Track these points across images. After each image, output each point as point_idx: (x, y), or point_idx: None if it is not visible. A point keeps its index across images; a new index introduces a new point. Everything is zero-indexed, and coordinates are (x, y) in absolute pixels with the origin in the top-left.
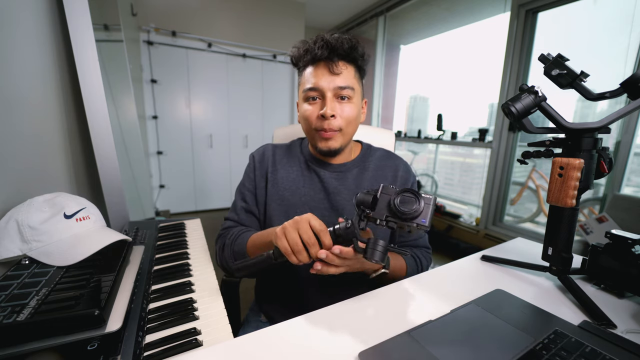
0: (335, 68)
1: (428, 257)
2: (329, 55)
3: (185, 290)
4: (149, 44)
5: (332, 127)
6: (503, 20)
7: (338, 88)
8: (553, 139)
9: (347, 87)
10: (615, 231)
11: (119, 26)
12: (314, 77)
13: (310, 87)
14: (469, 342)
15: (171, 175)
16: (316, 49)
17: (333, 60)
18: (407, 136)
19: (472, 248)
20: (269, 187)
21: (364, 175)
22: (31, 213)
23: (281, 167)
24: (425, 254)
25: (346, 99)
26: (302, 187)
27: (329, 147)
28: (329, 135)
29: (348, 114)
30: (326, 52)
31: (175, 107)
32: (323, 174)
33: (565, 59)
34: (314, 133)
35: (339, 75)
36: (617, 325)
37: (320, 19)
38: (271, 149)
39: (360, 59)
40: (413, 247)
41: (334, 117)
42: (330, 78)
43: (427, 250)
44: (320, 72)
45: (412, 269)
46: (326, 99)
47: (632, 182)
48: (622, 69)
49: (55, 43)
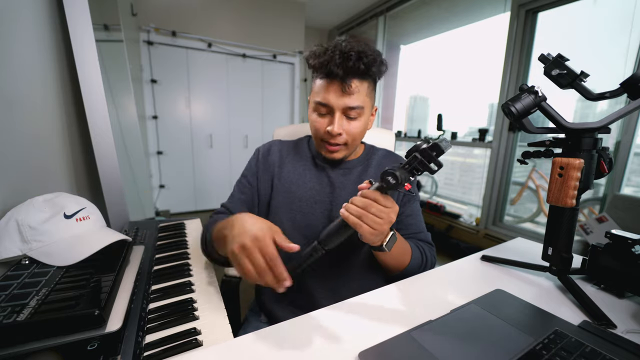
0: (348, 89)
1: (432, 253)
2: (343, 76)
3: (185, 290)
4: (149, 44)
5: (338, 142)
6: (503, 20)
7: (348, 108)
8: (553, 139)
9: (357, 107)
10: (615, 231)
11: (119, 26)
12: (326, 93)
13: (321, 102)
14: (469, 342)
15: (171, 175)
16: (332, 66)
17: (346, 82)
18: (407, 136)
19: (472, 248)
20: (275, 181)
21: (367, 172)
22: (31, 213)
23: (288, 162)
24: (429, 249)
25: (354, 117)
26: (309, 182)
27: (332, 158)
28: (334, 149)
29: (354, 130)
30: (341, 71)
31: (175, 107)
32: (329, 169)
33: (565, 59)
34: (320, 142)
35: (351, 96)
36: (617, 325)
37: (320, 19)
38: (278, 145)
39: (377, 74)
40: (417, 241)
41: (341, 134)
42: (341, 97)
43: (430, 245)
44: (332, 89)
45: (416, 258)
46: (334, 117)
47: (632, 182)
48: (622, 69)
49: (55, 43)
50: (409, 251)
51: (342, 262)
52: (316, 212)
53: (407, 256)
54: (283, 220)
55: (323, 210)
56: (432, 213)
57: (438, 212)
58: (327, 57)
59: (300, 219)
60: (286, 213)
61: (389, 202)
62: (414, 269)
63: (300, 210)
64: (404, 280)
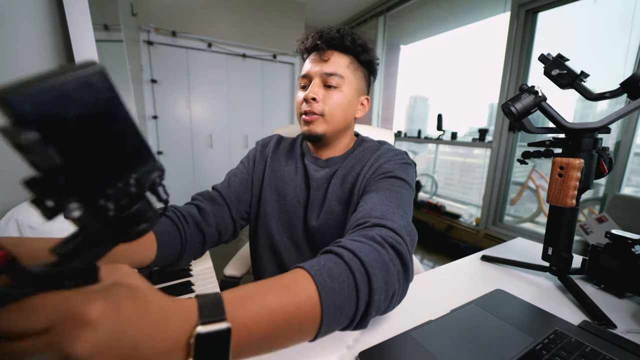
0: (323, 55)
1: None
2: (321, 46)
3: (185, 290)
4: (149, 44)
5: (314, 110)
6: (503, 20)
7: (325, 74)
8: (553, 139)
9: (334, 74)
10: (615, 231)
11: (119, 26)
12: (306, 65)
13: (302, 75)
14: (469, 342)
15: (171, 175)
16: (312, 40)
17: (322, 48)
18: (407, 136)
19: (472, 248)
20: (267, 171)
21: (337, 172)
22: (31, 213)
23: (281, 156)
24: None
25: (333, 87)
26: (294, 180)
27: (309, 131)
28: (311, 118)
29: (332, 101)
30: (319, 42)
31: (175, 107)
32: (310, 167)
33: (565, 59)
34: (300, 119)
35: (327, 62)
36: (617, 325)
37: (320, 19)
38: (277, 139)
39: (358, 50)
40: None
41: (316, 100)
42: (318, 64)
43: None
44: (311, 59)
45: (348, 295)
46: (312, 85)
47: (632, 182)
48: (622, 69)
49: (55, 43)
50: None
51: None
52: (298, 212)
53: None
54: (270, 218)
55: (302, 211)
56: (432, 213)
57: (438, 212)
58: (310, 37)
59: (284, 218)
60: (273, 210)
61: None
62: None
63: (285, 210)
64: None
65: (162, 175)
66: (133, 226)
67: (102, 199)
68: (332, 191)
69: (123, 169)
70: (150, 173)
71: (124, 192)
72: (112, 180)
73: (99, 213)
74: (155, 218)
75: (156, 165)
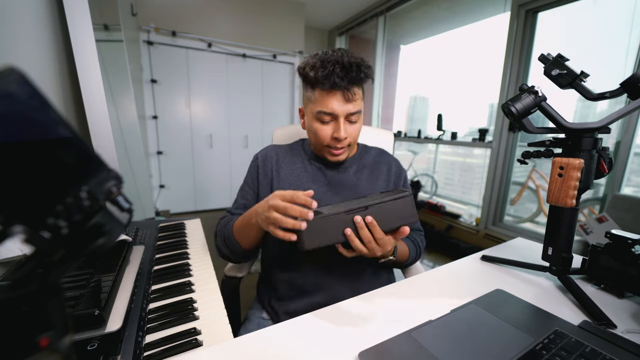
0: (352, 97)
1: (421, 238)
2: (347, 86)
3: (185, 290)
4: (149, 44)
5: (343, 145)
6: (503, 20)
7: (350, 114)
8: (553, 139)
9: (358, 112)
10: (615, 231)
11: (119, 26)
12: (331, 103)
13: (325, 112)
14: (469, 342)
15: (171, 175)
16: (335, 78)
17: (349, 90)
18: (407, 136)
19: (472, 248)
20: (274, 184)
21: (362, 171)
22: None
23: (285, 165)
24: (419, 237)
25: (355, 121)
26: (306, 182)
27: (337, 160)
28: (339, 152)
29: (355, 133)
30: (344, 82)
31: (175, 107)
32: (325, 169)
33: (565, 59)
34: (324, 148)
35: (353, 103)
36: (617, 325)
37: (320, 19)
38: (274, 149)
39: (368, 78)
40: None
41: (346, 138)
42: (344, 105)
43: (419, 231)
44: (335, 98)
45: (412, 252)
46: (339, 123)
47: (632, 182)
48: (622, 69)
49: (55, 43)
50: (407, 250)
51: (336, 262)
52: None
53: (405, 255)
54: None
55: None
56: (432, 213)
57: (438, 212)
58: (328, 70)
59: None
60: None
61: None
62: (410, 261)
63: None
64: (404, 280)
65: (118, 184)
66: (91, 241)
67: (51, 218)
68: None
69: (68, 182)
70: (103, 183)
71: (77, 207)
72: (59, 196)
73: (50, 232)
74: (116, 230)
75: (110, 174)
